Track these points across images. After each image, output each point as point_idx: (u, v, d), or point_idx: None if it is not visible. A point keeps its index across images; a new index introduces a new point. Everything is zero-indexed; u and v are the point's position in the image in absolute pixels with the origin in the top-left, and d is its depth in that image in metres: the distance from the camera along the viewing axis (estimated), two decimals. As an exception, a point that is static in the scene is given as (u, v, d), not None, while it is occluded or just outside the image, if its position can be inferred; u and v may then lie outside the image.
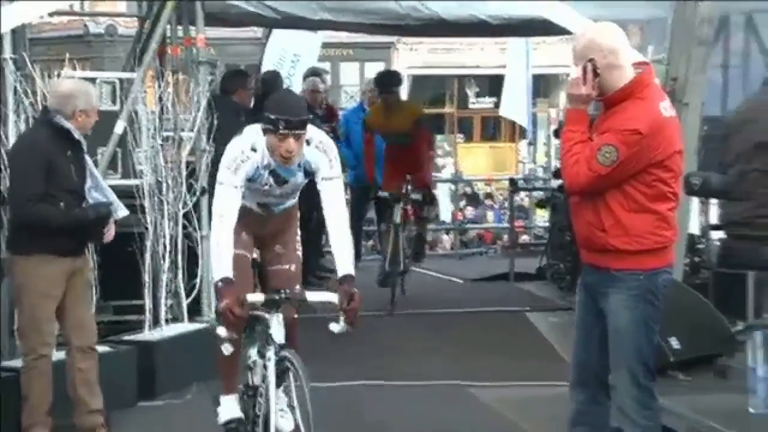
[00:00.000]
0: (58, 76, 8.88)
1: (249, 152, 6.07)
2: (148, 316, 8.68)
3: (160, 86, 9.49)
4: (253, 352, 6.40)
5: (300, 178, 6.36)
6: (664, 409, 5.77)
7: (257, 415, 6.14)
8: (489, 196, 22.26)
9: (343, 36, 17.25)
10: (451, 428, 7.75)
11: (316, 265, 11.98)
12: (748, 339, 6.30)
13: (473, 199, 22.15)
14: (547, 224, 14.99)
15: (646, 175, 5.22)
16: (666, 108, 5.35)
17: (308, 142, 6.10)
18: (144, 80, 9.65)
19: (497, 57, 23.58)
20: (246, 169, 6.06)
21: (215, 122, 9.30)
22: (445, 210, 20.49)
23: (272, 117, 5.92)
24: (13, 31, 9.57)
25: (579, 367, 5.74)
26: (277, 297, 5.93)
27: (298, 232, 7.04)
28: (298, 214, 7.09)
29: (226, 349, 6.17)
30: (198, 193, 9.19)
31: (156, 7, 10.19)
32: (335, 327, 6.05)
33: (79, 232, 7.07)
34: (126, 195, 8.54)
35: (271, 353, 5.93)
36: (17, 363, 7.28)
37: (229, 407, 6.47)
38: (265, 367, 6.01)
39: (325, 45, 15.63)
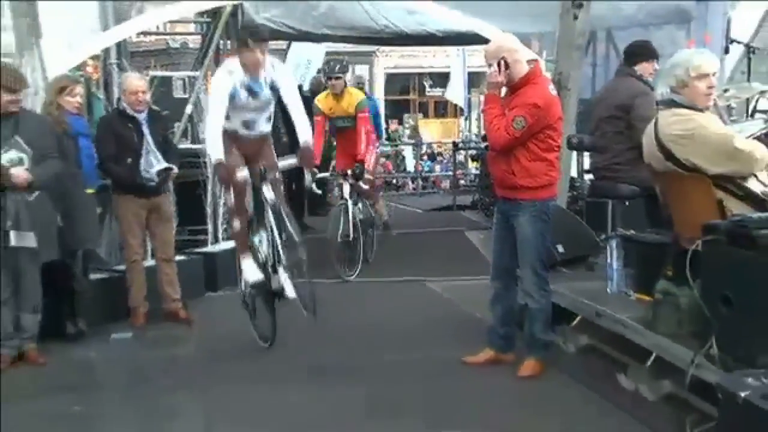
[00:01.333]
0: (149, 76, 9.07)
1: (226, 76, 6.22)
2: (209, 236, 8.92)
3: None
4: (255, 239, 6.56)
5: (268, 94, 6.42)
6: (553, 291, 6.10)
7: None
8: (439, 154, 22.34)
9: (339, 46, 17.05)
10: (415, 308, 8.05)
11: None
12: (608, 244, 6.49)
13: (429, 157, 22.26)
14: (477, 172, 15.08)
15: (541, 135, 5.69)
16: (552, 89, 5.91)
17: (273, 66, 6.41)
18: (205, 77, 9.69)
19: (443, 60, 23.72)
20: (226, 89, 6.17)
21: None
22: (410, 163, 20.58)
23: (242, 34, 6.61)
24: (117, 45, 9.62)
25: (496, 266, 6.18)
26: (258, 169, 6.30)
27: (275, 155, 6.93)
28: (272, 144, 7.02)
29: (237, 224, 6.51)
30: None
31: (212, 27, 10.23)
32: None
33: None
34: (193, 155, 8.75)
35: (267, 207, 6.32)
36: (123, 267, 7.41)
37: (251, 270, 6.51)
38: (264, 217, 6.37)
39: (328, 53, 15.53)
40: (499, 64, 5.62)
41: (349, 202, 9.32)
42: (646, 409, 5.21)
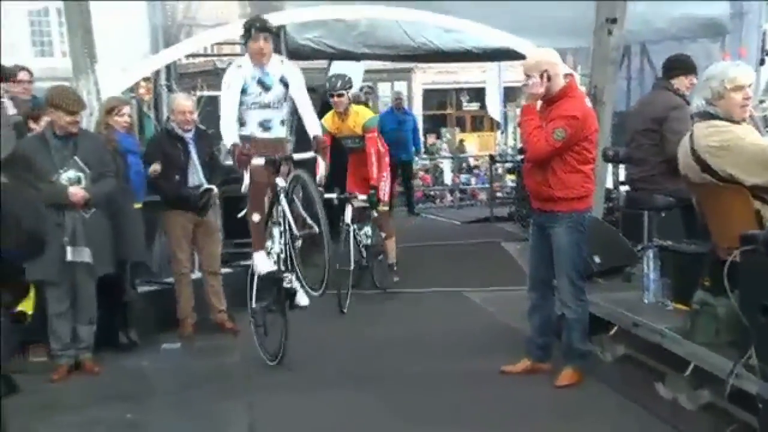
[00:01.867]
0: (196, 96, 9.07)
1: (236, 70, 6.15)
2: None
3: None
4: (268, 244, 6.32)
5: (280, 89, 6.25)
6: (590, 302, 5.95)
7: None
8: (476, 167, 22.15)
9: (378, 64, 17.06)
10: (453, 318, 7.92)
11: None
12: (644, 255, 6.37)
13: (466, 170, 22.10)
14: (513, 184, 14.94)
15: (577, 147, 5.57)
16: (587, 102, 5.85)
17: (282, 62, 6.45)
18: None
19: (480, 75, 23.53)
20: (237, 82, 6.11)
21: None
22: (448, 176, 20.47)
23: (246, 26, 6.14)
24: (167, 67, 9.65)
25: (533, 277, 6.07)
26: (273, 158, 6.04)
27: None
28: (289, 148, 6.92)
29: (256, 217, 6.15)
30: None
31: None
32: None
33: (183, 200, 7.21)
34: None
35: (281, 195, 6.08)
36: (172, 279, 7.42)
37: (263, 261, 6.26)
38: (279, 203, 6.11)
39: (367, 71, 15.52)
40: (541, 76, 5.50)
41: (352, 228, 8.56)
42: (685, 418, 5.09)
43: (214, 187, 7.34)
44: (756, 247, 4.50)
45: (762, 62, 10.12)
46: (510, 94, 24.38)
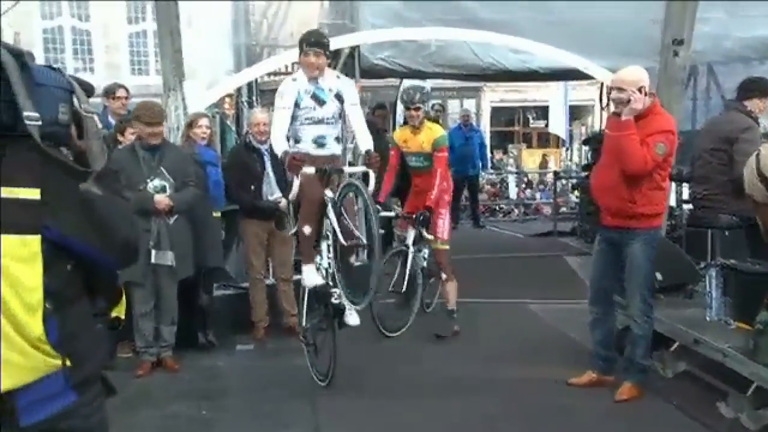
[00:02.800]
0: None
1: (290, 82, 5.81)
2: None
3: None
4: (318, 258, 5.88)
5: (334, 103, 5.85)
6: (655, 318, 5.69)
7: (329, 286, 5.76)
8: (542, 182, 21.84)
9: (448, 82, 16.97)
10: (517, 329, 7.70)
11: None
12: (707, 273, 6.14)
13: (530, 185, 21.81)
14: (577, 200, 14.64)
15: (663, 163, 5.38)
16: None
17: (338, 77, 6.12)
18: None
19: (546, 93, 23.35)
20: (291, 94, 5.74)
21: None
22: (513, 191, 20.22)
23: (301, 41, 5.83)
24: (248, 84, 9.66)
25: (596, 290, 5.81)
26: (324, 168, 5.61)
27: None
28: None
29: (307, 230, 5.70)
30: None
31: (332, 67, 10.18)
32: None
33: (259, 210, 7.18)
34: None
35: (330, 206, 5.61)
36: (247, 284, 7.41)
37: (312, 275, 5.84)
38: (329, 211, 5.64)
39: (437, 89, 15.46)
40: (640, 91, 5.26)
41: (411, 249, 7.39)
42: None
43: (281, 198, 7.14)
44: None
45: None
46: (575, 113, 24.18)
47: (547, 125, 23.54)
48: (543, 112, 25.56)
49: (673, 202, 8.23)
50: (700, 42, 8.88)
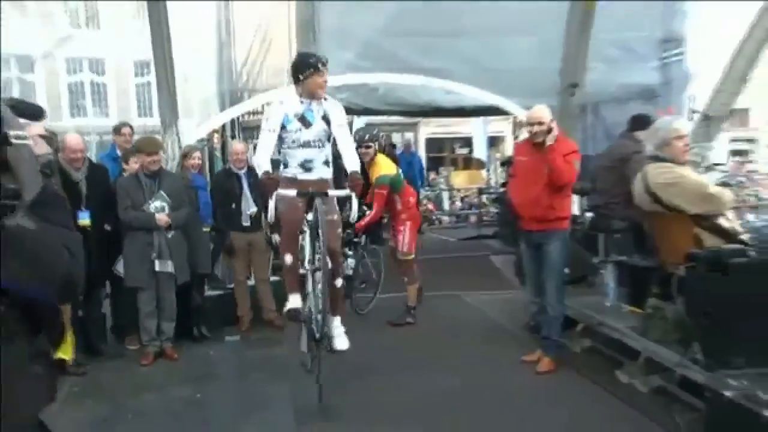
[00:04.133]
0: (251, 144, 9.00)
1: (278, 106, 4.78)
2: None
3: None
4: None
5: (321, 125, 4.82)
6: (566, 304, 5.65)
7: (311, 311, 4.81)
8: (467, 197, 21.85)
9: (393, 118, 16.93)
10: (453, 316, 7.58)
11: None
12: (604, 268, 6.15)
13: (460, 200, 21.81)
14: (497, 210, 14.65)
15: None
16: None
17: (325, 99, 4.88)
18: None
19: (467, 127, 23.55)
20: (277, 117, 4.76)
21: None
22: (446, 204, 20.18)
23: (312, 61, 4.79)
24: (231, 121, 9.53)
25: (535, 285, 5.70)
26: (305, 191, 4.68)
27: (336, 206, 5.06)
28: (335, 202, 5.06)
29: (288, 259, 4.81)
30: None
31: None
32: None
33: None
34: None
35: (306, 231, 4.76)
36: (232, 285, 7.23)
37: (293, 301, 4.85)
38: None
39: (385, 123, 15.44)
40: (551, 122, 5.30)
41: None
42: (638, 399, 4.82)
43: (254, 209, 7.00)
44: (698, 263, 4.34)
45: (690, 118, 9.83)
46: (492, 142, 24.40)
47: (470, 152, 23.59)
48: (466, 141, 25.63)
49: (576, 211, 8.25)
50: (588, 86, 8.97)
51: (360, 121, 13.68)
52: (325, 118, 4.89)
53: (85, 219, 5.96)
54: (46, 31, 20.72)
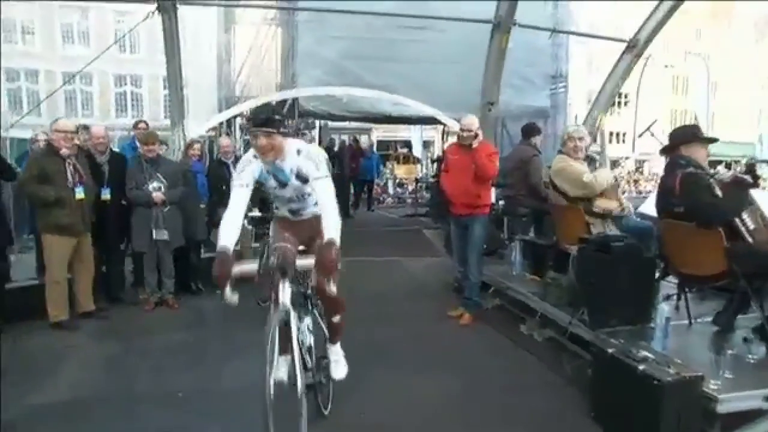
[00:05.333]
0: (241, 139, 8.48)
1: (251, 158, 3.07)
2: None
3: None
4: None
5: (296, 182, 3.15)
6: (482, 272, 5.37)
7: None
8: (405, 184, 21.56)
9: (353, 123, 16.48)
10: (394, 278, 7.22)
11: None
12: (512, 244, 5.95)
13: (400, 185, 21.52)
14: (428, 195, 14.38)
15: None
16: None
17: (298, 152, 3.06)
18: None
19: (407, 133, 23.25)
20: (251, 171, 3.06)
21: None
22: (391, 189, 19.81)
23: (250, 122, 3.23)
24: (228, 120, 8.99)
25: (460, 257, 5.39)
26: (270, 264, 2.87)
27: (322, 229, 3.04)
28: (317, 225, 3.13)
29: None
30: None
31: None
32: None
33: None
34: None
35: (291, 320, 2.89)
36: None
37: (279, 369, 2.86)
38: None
39: (347, 128, 14.99)
40: (478, 129, 5.03)
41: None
42: (536, 348, 4.62)
43: None
44: (588, 245, 4.11)
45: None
46: (426, 144, 24.20)
47: (409, 151, 23.15)
48: (406, 143, 25.17)
49: (493, 199, 8.06)
50: (499, 105, 8.74)
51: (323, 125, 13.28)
52: (300, 176, 3.11)
53: (106, 195, 5.60)
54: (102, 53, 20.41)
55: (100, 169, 5.59)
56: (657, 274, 4.14)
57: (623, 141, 32.58)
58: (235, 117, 10.11)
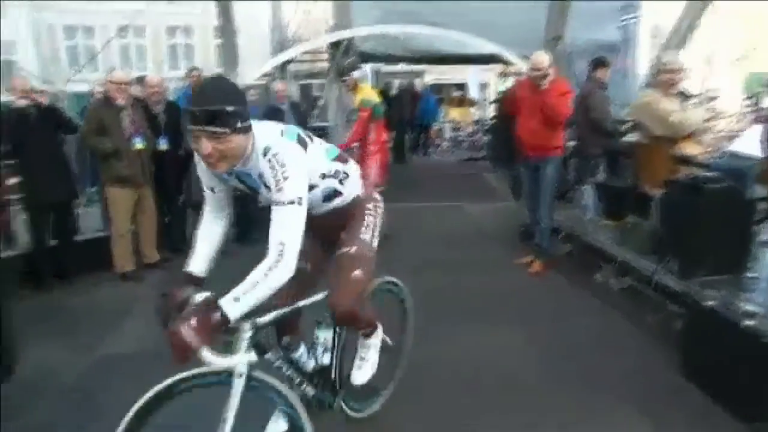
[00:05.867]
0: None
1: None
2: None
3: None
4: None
5: (266, 192, 1.88)
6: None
7: None
8: (459, 127, 20.86)
9: (406, 67, 15.91)
10: (456, 223, 6.91)
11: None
12: (585, 187, 5.53)
13: (456, 129, 20.84)
14: (486, 138, 13.82)
15: None
16: None
17: (264, 153, 1.81)
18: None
19: (461, 74, 22.44)
20: (204, 173, 2.02)
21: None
22: (447, 133, 19.19)
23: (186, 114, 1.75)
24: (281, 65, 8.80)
25: (531, 203, 5.04)
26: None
27: (368, 222, 2.24)
28: (364, 209, 2.27)
29: None
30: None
31: (335, 54, 9.15)
32: None
33: None
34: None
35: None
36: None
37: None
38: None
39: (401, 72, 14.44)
40: (549, 68, 4.52)
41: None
42: (611, 297, 4.28)
43: None
44: (675, 188, 3.70)
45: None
46: (483, 87, 23.32)
47: (462, 94, 22.27)
48: (460, 86, 24.18)
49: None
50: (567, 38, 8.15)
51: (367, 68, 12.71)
52: (265, 183, 1.88)
53: (163, 145, 5.44)
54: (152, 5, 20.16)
55: (156, 120, 5.45)
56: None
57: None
58: (288, 62, 9.81)
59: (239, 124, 1.75)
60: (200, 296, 1.78)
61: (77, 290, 4.79)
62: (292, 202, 1.77)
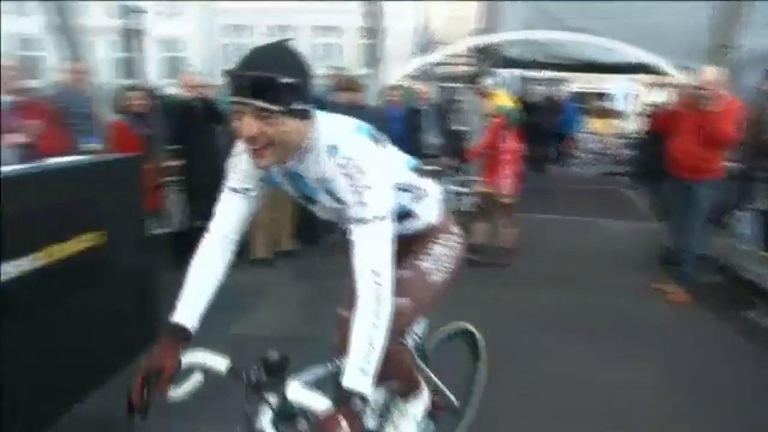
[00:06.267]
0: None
1: (241, 153, 1.48)
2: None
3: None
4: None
5: (332, 202, 1.45)
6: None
7: None
8: (603, 140, 19.65)
9: (548, 74, 15.39)
10: (589, 239, 6.56)
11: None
12: (744, 214, 4.94)
13: (597, 141, 19.69)
14: (629, 153, 12.94)
15: None
16: None
17: (331, 153, 1.35)
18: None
19: (606, 84, 21.26)
20: (242, 167, 1.49)
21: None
22: (587, 144, 18.20)
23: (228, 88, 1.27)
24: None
25: (677, 222, 4.61)
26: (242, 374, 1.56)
27: (437, 251, 1.72)
28: (436, 238, 1.75)
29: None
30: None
31: (482, 57, 9.01)
32: None
33: None
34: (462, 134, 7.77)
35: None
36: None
37: None
38: None
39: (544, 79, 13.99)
40: (716, 89, 4.09)
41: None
42: (762, 336, 3.83)
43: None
44: None
45: None
46: (629, 98, 21.90)
47: (606, 105, 21.01)
48: (603, 96, 22.80)
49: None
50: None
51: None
52: (334, 195, 1.44)
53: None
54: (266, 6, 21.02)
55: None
56: None
57: None
58: (432, 64, 9.89)
59: (296, 105, 1.28)
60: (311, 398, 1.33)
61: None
62: (377, 218, 1.34)
